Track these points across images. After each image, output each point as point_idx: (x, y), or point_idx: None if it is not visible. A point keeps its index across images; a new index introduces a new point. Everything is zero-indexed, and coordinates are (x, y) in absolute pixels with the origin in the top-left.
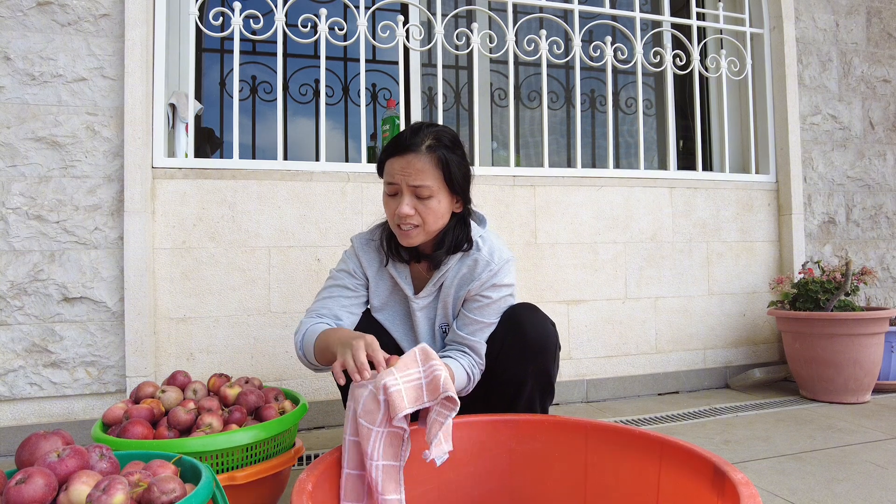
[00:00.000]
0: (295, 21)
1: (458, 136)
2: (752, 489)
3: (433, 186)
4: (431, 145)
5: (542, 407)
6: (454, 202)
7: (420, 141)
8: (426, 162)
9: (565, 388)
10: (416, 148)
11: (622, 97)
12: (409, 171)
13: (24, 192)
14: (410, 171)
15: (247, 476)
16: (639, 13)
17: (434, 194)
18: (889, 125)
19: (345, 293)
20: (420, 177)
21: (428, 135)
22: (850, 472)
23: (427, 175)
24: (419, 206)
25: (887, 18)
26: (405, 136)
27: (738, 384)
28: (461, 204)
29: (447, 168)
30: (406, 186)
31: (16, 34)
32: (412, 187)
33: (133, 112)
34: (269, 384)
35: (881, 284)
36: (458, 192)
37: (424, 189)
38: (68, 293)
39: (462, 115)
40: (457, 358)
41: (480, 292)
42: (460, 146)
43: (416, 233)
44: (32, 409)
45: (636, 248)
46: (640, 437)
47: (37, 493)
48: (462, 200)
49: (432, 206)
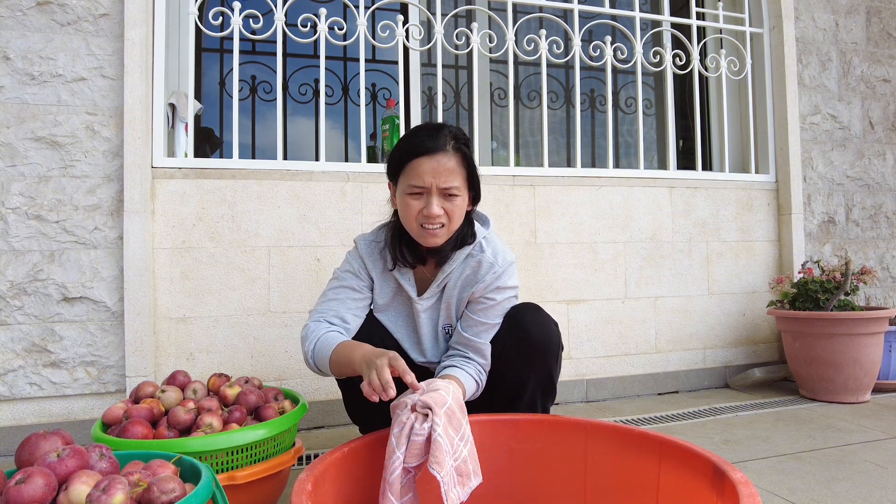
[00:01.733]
0: (294, 21)
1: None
2: (751, 488)
3: (460, 186)
4: (456, 145)
5: (543, 407)
6: (469, 199)
7: (445, 141)
8: (456, 162)
9: (565, 388)
10: (444, 148)
11: (622, 97)
12: (441, 172)
13: (24, 192)
14: (442, 172)
15: (247, 476)
16: (638, 13)
17: (461, 193)
18: (889, 125)
19: (351, 295)
20: (451, 177)
21: (449, 134)
22: (850, 472)
23: (457, 175)
24: (446, 205)
25: (887, 18)
26: (429, 136)
27: (738, 384)
28: (472, 201)
29: (471, 167)
30: (436, 188)
31: (15, 34)
32: (442, 188)
33: (133, 112)
34: (268, 384)
35: (881, 284)
36: (475, 190)
37: (454, 189)
38: (68, 293)
39: (462, 114)
40: (463, 367)
41: (485, 294)
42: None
43: (442, 232)
44: (32, 409)
45: (636, 248)
46: (640, 437)
47: (36, 492)
48: (475, 198)
49: (458, 205)
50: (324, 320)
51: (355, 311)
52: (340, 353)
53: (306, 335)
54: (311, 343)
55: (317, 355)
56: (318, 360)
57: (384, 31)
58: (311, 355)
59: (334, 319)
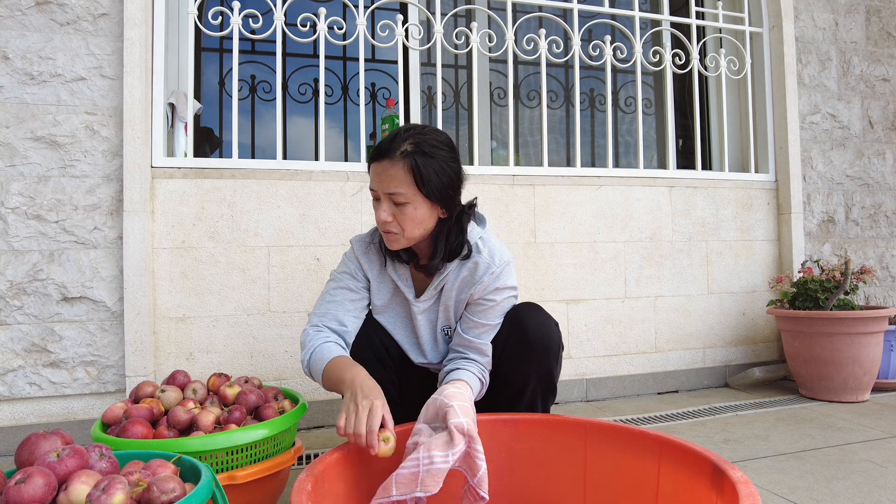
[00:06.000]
0: (294, 20)
1: (445, 140)
2: (751, 488)
3: (407, 193)
4: (407, 151)
5: (543, 407)
6: (436, 208)
7: (396, 147)
8: (399, 168)
9: (565, 388)
10: (391, 154)
11: (621, 96)
12: (384, 178)
13: (24, 192)
14: (384, 178)
15: (246, 476)
16: (638, 12)
17: (409, 201)
18: (888, 124)
19: (348, 296)
20: (393, 184)
21: (406, 140)
22: (850, 471)
23: (399, 182)
24: (396, 212)
25: (886, 17)
26: (384, 141)
27: (738, 383)
28: (445, 210)
29: (419, 174)
30: (382, 193)
31: (14, 33)
32: (387, 194)
33: (132, 111)
34: (268, 384)
35: (880, 283)
36: (436, 199)
37: (398, 196)
38: (68, 293)
39: (461, 114)
40: (467, 368)
41: (484, 296)
42: (445, 150)
43: (398, 239)
44: (32, 409)
45: (636, 247)
46: (640, 436)
47: (36, 492)
48: (445, 207)
49: (408, 213)
50: (323, 326)
51: (354, 313)
52: (332, 371)
53: (304, 342)
54: (308, 353)
55: (312, 367)
56: (314, 371)
57: (384, 31)
58: (307, 365)
59: (333, 324)
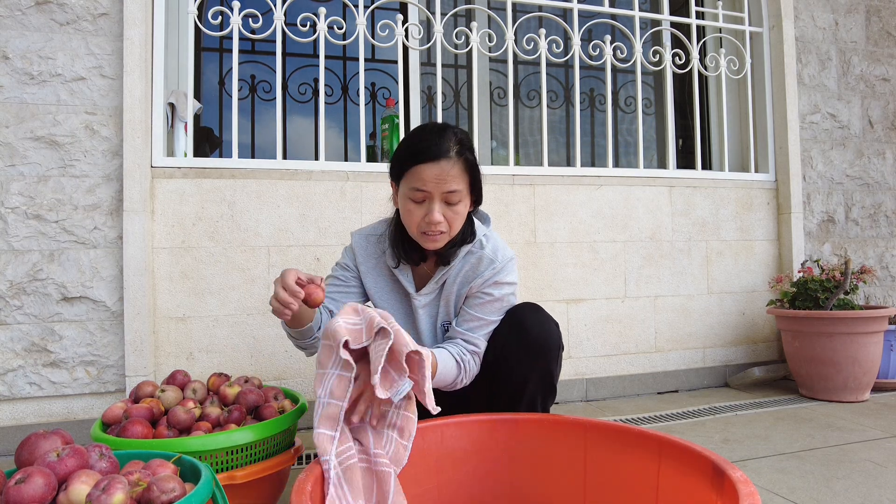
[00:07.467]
0: (294, 20)
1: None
2: (751, 487)
3: (462, 191)
4: (460, 150)
5: (543, 407)
6: (470, 202)
7: (450, 147)
8: (460, 168)
9: (565, 387)
10: (448, 154)
11: (621, 96)
12: (445, 179)
13: (23, 192)
14: (446, 179)
15: (246, 475)
16: (638, 12)
17: (462, 199)
18: (888, 124)
19: (340, 287)
20: (454, 183)
21: (454, 138)
22: (850, 471)
23: (459, 181)
24: (447, 211)
25: (886, 17)
26: (433, 141)
27: (738, 383)
28: (473, 203)
29: (474, 172)
30: (439, 194)
31: (14, 33)
32: (446, 193)
33: (132, 111)
34: (268, 383)
35: (880, 283)
36: (475, 193)
37: (455, 194)
38: (67, 293)
39: (461, 114)
40: (445, 346)
41: (482, 289)
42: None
43: (443, 238)
44: (32, 409)
45: (635, 247)
46: (640, 436)
47: (36, 492)
48: (476, 200)
49: (459, 211)
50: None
51: (332, 296)
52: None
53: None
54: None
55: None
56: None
57: (383, 31)
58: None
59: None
